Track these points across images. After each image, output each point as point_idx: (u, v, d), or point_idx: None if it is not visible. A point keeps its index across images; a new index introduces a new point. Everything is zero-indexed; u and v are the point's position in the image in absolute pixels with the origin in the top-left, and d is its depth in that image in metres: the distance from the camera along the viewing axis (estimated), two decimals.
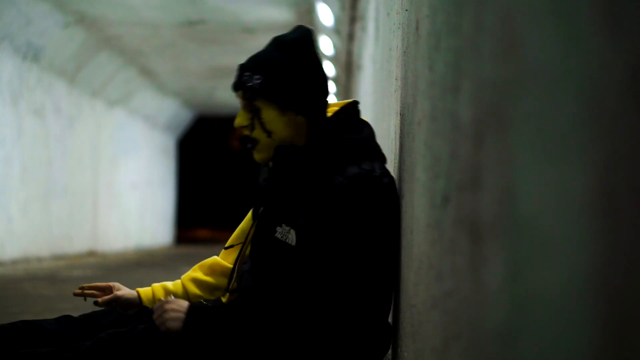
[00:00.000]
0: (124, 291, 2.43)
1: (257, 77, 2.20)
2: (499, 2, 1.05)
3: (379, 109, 3.96)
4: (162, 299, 2.16)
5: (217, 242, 17.14)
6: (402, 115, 2.34)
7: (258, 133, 2.22)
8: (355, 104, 2.29)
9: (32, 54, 9.47)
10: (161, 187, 17.21)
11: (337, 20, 9.21)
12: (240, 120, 2.22)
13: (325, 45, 10.52)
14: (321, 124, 2.23)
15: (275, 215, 2.23)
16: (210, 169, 22.55)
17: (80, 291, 2.42)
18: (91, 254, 11.88)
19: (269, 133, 2.21)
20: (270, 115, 2.20)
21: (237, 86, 2.23)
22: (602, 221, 0.72)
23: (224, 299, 2.36)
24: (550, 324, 0.81)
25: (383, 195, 2.15)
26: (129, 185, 14.33)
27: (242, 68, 2.23)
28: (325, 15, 9.32)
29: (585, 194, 0.75)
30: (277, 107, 2.20)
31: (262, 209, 2.30)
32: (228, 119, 21.17)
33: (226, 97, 16.24)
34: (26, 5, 8.70)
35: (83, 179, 11.62)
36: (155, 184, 16.56)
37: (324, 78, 2.26)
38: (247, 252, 2.36)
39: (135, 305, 2.41)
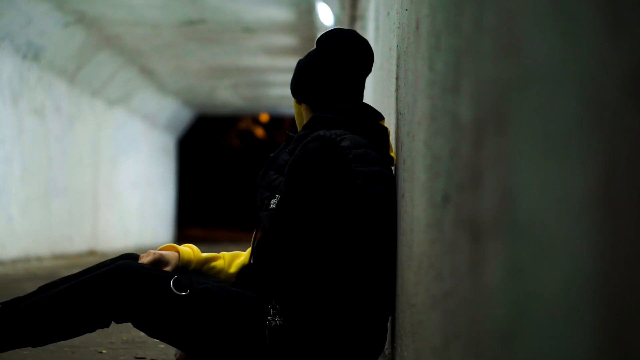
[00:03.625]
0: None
1: (294, 82, 2.58)
2: (499, 1, 1.05)
3: (379, 108, 3.95)
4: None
5: (217, 241, 17.15)
6: (402, 114, 2.34)
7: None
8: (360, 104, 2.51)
9: (32, 54, 9.47)
10: (161, 187, 17.21)
11: (337, 20, 9.21)
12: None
13: None
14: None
15: (269, 191, 2.41)
16: (210, 168, 22.54)
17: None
18: (91, 253, 11.88)
19: (300, 123, 2.56)
20: (296, 108, 2.58)
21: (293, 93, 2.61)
22: (602, 221, 0.72)
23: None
24: (550, 323, 0.81)
25: (332, 151, 2.30)
26: (129, 184, 14.33)
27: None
28: (326, 15, 9.31)
29: (585, 194, 0.75)
30: (295, 101, 2.57)
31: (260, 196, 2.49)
32: (228, 119, 21.19)
33: (226, 97, 16.23)
34: (26, 4, 8.69)
35: (83, 178, 11.62)
36: (155, 183, 16.55)
37: (335, 72, 2.50)
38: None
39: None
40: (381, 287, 2.28)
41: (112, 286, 2.21)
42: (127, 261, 2.28)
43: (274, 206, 2.33)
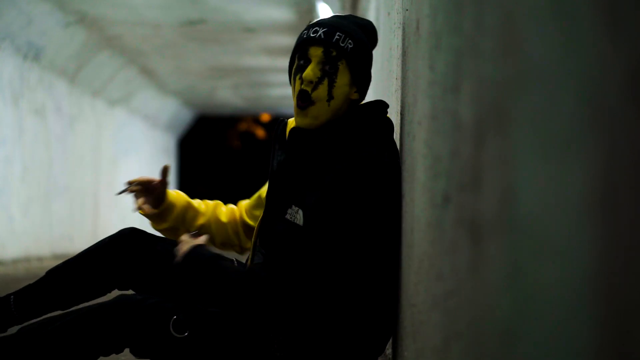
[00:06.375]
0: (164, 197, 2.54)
1: (350, 41, 2.25)
2: (499, 1, 1.05)
3: None
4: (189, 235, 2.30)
5: None
6: (402, 114, 2.34)
7: (320, 93, 2.25)
8: (382, 103, 2.33)
9: (32, 54, 9.47)
10: None
11: None
12: (312, 75, 2.24)
13: None
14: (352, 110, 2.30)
15: (285, 199, 2.26)
16: (210, 168, 22.55)
17: (132, 188, 2.52)
18: None
19: (330, 97, 2.24)
20: (343, 80, 2.25)
21: (323, 42, 2.24)
22: (602, 221, 0.72)
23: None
24: (550, 323, 0.81)
25: (386, 178, 2.16)
26: None
27: (330, 27, 2.26)
28: (326, 15, 9.32)
29: (585, 194, 0.75)
30: (351, 77, 2.26)
31: (271, 193, 2.34)
32: (229, 119, 21.18)
33: (227, 97, 16.23)
34: (27, 5, 8.70)
35: (84, 178, 11.62)
36: None
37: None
38: (256, 242, 2.38)
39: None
40: (388, 313, 2.25)
41: (111, 323, 2.20)
42: (127, 296, 2.25)
43: (290, 218, 2.21)
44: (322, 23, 2.28)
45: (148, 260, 2.36)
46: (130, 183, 2.52)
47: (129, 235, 2.44)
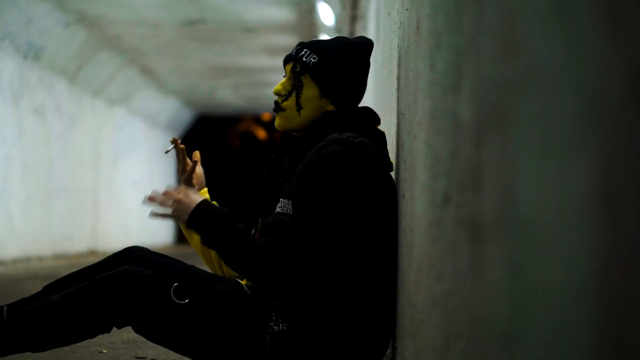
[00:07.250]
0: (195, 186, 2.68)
1: (314, 56, 2.40)
2: (499, 1, 1.05)
3: (379, 108, 3.96)
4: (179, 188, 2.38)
5: None
6: (402, 114, 2.34)
7: (289, 104, 2.41)
8: (368, 110, 2.45)
9: (32, 54, 9.47)
10: (162, 187, 17.19)
11: (338, 20, 9.21)
12: (280, 89, 2.43)
13: None
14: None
15: (274, 196, 2.37)
16: (211, 168, 22.53)
17: (175, 141, 2.66)
18: (92, 253, 11.88)
19: (299, 107, 2.40)
20: (309, 93, 2.40)
21: (292, 58, 2.43)
22: (603, 221, 0.72)
23: (243, 282, 2.43)
24: (550, 323, 0.81)
25: (355, 155, 2.25)
26: (130, 184, 14.32)
27: (303, 45, 2.44)
28: (326, 15, 9.31)
29: (585, 194, 0.75)
30: (320, 89, 2.40)
31: (265, 196, 2.45)
32: (229, 119, 21.18)
33: (227, 97, 16.23)
34: (27, 4, 8.70)
35: (84, 178, 11.62)
36: (156, 183, 16.54)
37: (364, 85, 2.48)
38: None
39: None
40: (387, 292, 2.28)
41: (112, 293, 2.23)
42: (129, 267, 2.29)
43: (280, 210, 2.30)
44: (302, 42, 2.46)
45: (147, 306, 2.32)
46: (174, 141, 2.65)
47: (133, 252, 2.46)
